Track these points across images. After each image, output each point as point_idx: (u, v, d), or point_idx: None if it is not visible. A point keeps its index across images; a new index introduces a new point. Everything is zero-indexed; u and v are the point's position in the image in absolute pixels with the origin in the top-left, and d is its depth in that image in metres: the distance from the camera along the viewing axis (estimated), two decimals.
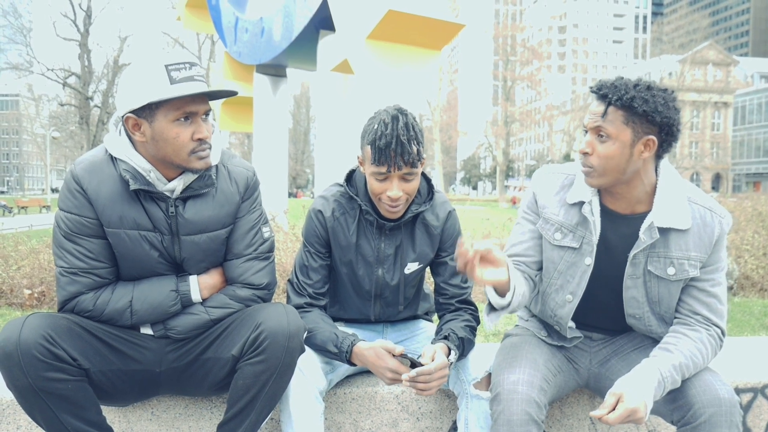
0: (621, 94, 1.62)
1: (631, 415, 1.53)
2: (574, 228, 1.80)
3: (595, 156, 1.68)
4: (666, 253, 1.73)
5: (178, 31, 36.72)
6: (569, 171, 1.86)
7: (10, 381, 1.56)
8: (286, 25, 8.56)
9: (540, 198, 1.86)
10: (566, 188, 1.83)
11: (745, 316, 4.56)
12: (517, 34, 50.86)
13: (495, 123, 52.88)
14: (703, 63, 55.10)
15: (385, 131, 1.77)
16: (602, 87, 1.66)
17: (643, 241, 1.71)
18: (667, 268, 1.74)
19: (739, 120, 61.66)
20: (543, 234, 1.85)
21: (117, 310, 1.72)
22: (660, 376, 1.62)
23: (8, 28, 46.06)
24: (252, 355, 1.67)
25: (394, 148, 1.76)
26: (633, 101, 1.61)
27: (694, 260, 1.73)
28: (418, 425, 2.07)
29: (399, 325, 2.16)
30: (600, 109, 1.66)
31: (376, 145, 1.77)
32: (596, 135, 1.68)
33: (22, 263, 5.20)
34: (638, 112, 1.61)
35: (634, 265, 1.76)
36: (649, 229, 1.70)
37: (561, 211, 1.82)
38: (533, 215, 1.89)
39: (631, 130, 1.64)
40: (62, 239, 1.71)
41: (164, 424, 1.98)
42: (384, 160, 1.77)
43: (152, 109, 1.63)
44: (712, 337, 1.74)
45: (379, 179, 1.82)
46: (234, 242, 1.83)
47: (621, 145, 1.65)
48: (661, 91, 1.64)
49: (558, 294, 1.85)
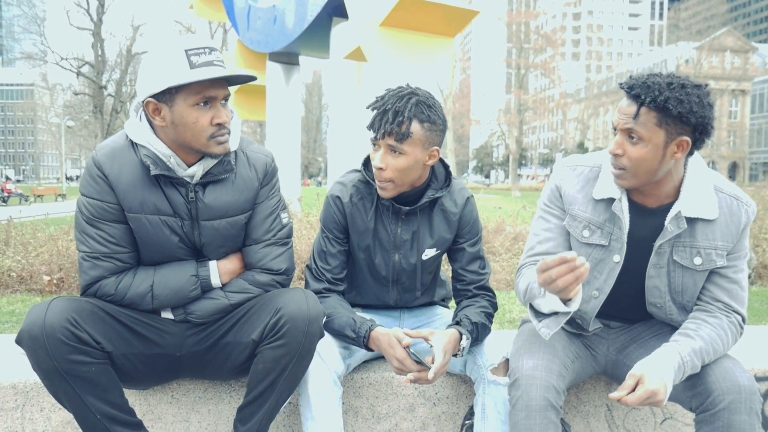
0: (655, 95, 1.54)
1: (651, 397, 1.51)
2: (602, 224, 1.76)
3: (626, 158, 1.62)
4: (692, 243, 1.71)
5: (190, 20, 36.77)
6: (593, 162, 1.81)
7: (36, 363, 1.58)
8: (299, 13, 8.54)
9: (565, 193, 1.81)
10: (591, 182, 1.78)
11: (764, 305, 4.53)
12: (531, 21, 50.37)
13: (508, 111, 52.55)
14: (721, 50, 54.24)
15: (381, 98, 1.84)
16: (634, 86, 1.58)
17: (670, 231, 1.68)
18: (693, 258, 1.71)
19: (757, 108, 60.75)
20: (570, 231, 1.81)
21: (138, 294, 1.75)
22: (680, 360, 1.60)
23: (23, 18, 46.40)
24: (272, 339, 1.68)
25: (380, 113, 1.81)
26: (667, 102, 1.53)
27: (721, 249, 1.70)
28: (434, 410, 2.08)
29: (416, 311, 2.17)
30: (631, 110, 1.58)
31: (371, 109, 1.85)
32: (627, 136, 1.61)
33: (41, 250, 5.28)
34: (672, 114, 1.54)
35: (659, 254, 1.74)
36: (675, 218, 1.67)
37: (588, 207, 1.77)
38: (557, 210, 1.84)
39: (665, 132, 1.57)
40: (84, 224, 1.73)
41: (184, 407, 2.01)
42: (373, 126, 1.83)
43: (172, 94, 1.64)
44: (733, 324, 1.72)
45: (374, 150, 1.87)
46: (253, 228, 1.84)
47: (654, 148, 1.58)
48: (695, 88, 1.57)
49: (583, 290, 1.80)
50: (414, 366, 1.73)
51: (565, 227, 1.83)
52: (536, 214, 1.93)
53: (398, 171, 1.82)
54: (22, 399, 1.94)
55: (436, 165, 1.97)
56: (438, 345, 1.74)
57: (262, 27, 9.61)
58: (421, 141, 1.81)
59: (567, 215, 1.81)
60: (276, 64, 10.17)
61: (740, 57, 56.80)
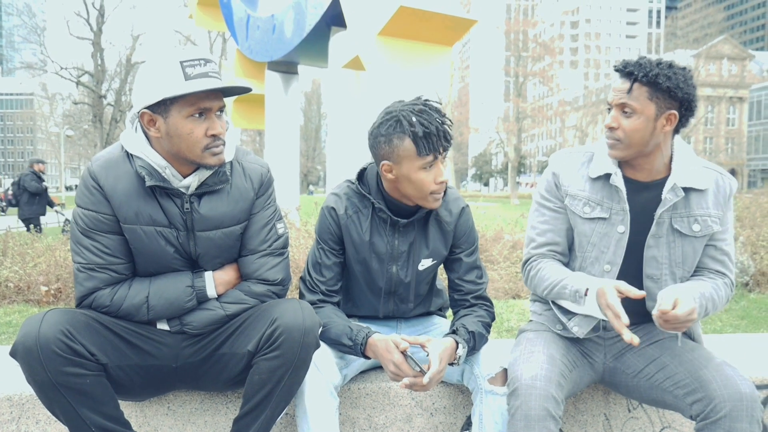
0: (646, 71, 1.71)
1: (690, 314, 1.60)
2: (601, 200, 1.87)
3: (620, 130, 1.77)
4: (689, 212, 1.83)
5: (189, 29, 36.92)
6: (586, 149, 1.95)
7: (30, 376, 1.58)
8: (298, 22, 8.58)
9: (562, 177, 1.92)
10: (586, 164, 1.91)
11: (762, 312, 4.52)
12: (529, 30, 50.48)
13: (506, 119, 52.58)
14: (718, 57, 54.43)
15: (424, 120, 1.77)
16: (627, 65, 1.75)
17: (669, 199, 1.80)
18: (692, 225, 1.83)
19: (754, 115, 60.89)
20: (572, 209, 1.90)
21: (134, 306, 1.74)
22: (700, 293, 1.74)
23: (23, 27, 46.50)
24: (268, 350, 1.67)
25: (436, 133, 1.77)
26: (657, 78, 1.70)
27: (715, 217, 1.84)
28: (431, 420, 2.07)
29: (413, 321, 2.16)
30: (625, 86, 1.75)
31: (418, 135, 1.76)
32: (621, 111, 1.77)
33: (39, 260, 5.26)
34: (662, 88, 1.71)
35: (658, 224, 1.83)
36: (672, 189, 1.80)
37: (586, 185, 1.89)
38: (554, 200, 1.94)
39: (655, 105, 1.73)
40: (80, 235, 1.73)
41: (180, 419, 2.00)
42: (430, 148, 1.78)
43: (167, 105, 1.64)
44: (726, 284, 1.87)
45: (427, 169, 1.81)
46: (249, 238, 1.84)
47: (645, 119, 1.74)
48: (681, 69, 1.75)
49: (594, 266, 1.89)
50: (410, 371, 1.72)
51: (562, 216, 1.93)
52: (532, 207, 2.01)
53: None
54: (17, 411, 1.93)
55: None
56: (434, 351, 1.74)
57: (261, 36, 9.65)
58: None
59: (566, 197, 1.91)
60: (275, 73, 10.20)
61: (737, 65, 56.98)
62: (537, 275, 1.90)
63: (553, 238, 1.93)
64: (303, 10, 8.41)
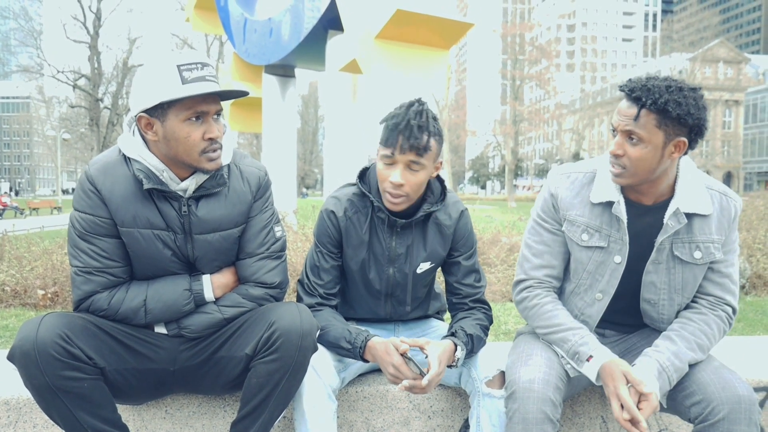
0: (655, 98, 1.59)
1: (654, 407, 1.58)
2: (600, 227, 1.80)
3: (626, 158, 1.67)
4: (690, 238, 1.76)
5: (186, 33, 36.92)
6: (586, 169, 1.85)
7: (27, 380, 1.57)
8: (295, 26, 8.58)
9: (561, 200, 1.84)
10: (586, 186, 1.83)
11: (758, 315, 4.53)
12: (526, 33, 50.56)
13: (503, 122, 52.70)
14: (714, 61, 54.67)
15: (398, 112, 1.81)
16: (634, 89, 1.63)
17: (671, 226, 1.73)
18: (693, 252, 1.76)
19: (750, 118, 61.13)
20: (570, 236, 1.84)
21: (131, 309, 1.74)
22: (659, 367, 1.66)
23: (19, 31, 46.50)
24: (265, 353, 1.67)
25: (402, 129, 1.78)
26: (667, 105, 1.58)
27: (717, 243, 1.77)
28: (429, 423, 2.07)
29: (410, 324, 2.16)
30: (632, 112, 1.63)
31: (387, 125, 1.81)
32: (627, 137, 1.66)
33: (35, 264, 5.24)
34: (672, 116, 1.59)
35: (659, 251, 1.77)
36: (675, 215, 1.73)
37: (585, 211, 1.81)
38: (551, 221, 1.87)
39: (664, 133, 1.63)
40: (77, 239, 1.73)
41: (178, 423, 1.99)
42: (391, 141, 1.79)
43: (164, 109, 1.64)
44: (719, 318, 1.79)
45: (386, 163, 1.82)
46: (246, 241, 1.84)
47: (653, 148, 1.64)
48: (691, 91, 1.63)
49: (587, 293, 1.85)
50: (410, 373, 1.72)
51: (559, 239, 1.86)
52: (529, 225, 1.94)
53: (416, 185, 1.83)
54: (14, 415, 1.93)
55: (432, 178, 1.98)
56: (433, 354, 1.74)
57: (258, 40, 9.64)
58: (435, 154, 1.84)
59: (564, 222, 1.84)
60: (272, 76, 10.19)
61: (733, 68, 57.21)
62: (534, 311, 1.85)
63: (549, 261, 1.87)
64: (300, 14, 8.42)
